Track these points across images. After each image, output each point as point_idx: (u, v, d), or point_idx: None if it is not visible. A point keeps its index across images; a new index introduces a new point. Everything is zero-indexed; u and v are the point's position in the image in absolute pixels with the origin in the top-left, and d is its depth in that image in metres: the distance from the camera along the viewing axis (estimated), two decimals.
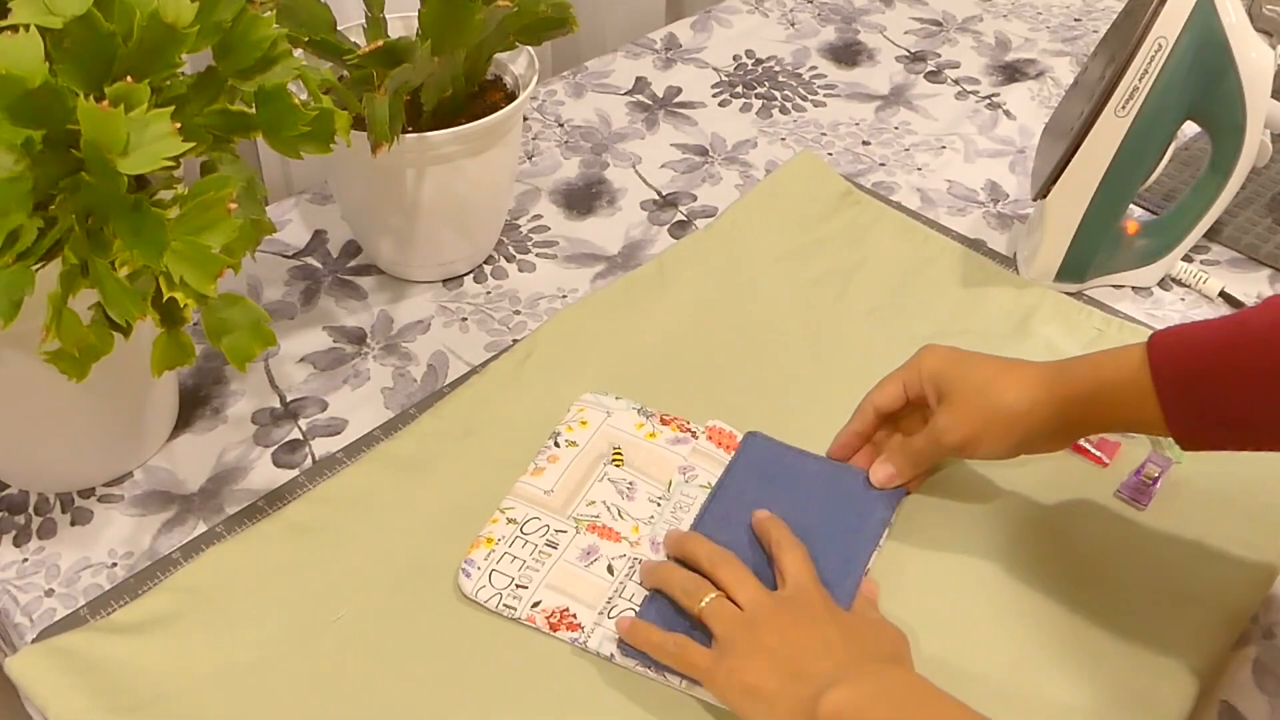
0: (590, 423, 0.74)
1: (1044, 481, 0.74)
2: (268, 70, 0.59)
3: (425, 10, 0.73)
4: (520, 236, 0.94)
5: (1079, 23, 1.27)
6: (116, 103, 0.51)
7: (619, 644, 0.62)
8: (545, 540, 0.67)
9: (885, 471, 0.70)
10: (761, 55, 1.19)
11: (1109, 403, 0.63)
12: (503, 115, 0.79)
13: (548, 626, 0.64)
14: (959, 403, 0.67)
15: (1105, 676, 0.64)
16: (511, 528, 0.68)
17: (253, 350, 0.60)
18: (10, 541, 0.70)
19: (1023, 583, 0.68)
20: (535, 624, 0.64)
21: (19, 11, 0.51)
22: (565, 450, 0.72)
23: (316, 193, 0.98)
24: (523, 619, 0.64)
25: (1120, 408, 0.62)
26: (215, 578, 0.67)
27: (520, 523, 0.68)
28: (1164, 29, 0.77)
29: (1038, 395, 0.65)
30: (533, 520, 0.68)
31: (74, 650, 0.62)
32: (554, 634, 0.64)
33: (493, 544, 0.67)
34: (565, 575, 0.66)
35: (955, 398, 0.67)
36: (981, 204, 0.99)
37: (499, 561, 0.66)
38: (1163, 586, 0.68)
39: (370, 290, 0.88)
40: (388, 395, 0.80)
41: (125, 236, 0.52)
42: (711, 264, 0.90)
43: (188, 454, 0.75)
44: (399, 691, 0.62)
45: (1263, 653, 0.66)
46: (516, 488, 0.70)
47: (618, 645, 0.62)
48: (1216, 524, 0.72)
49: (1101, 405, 0.63)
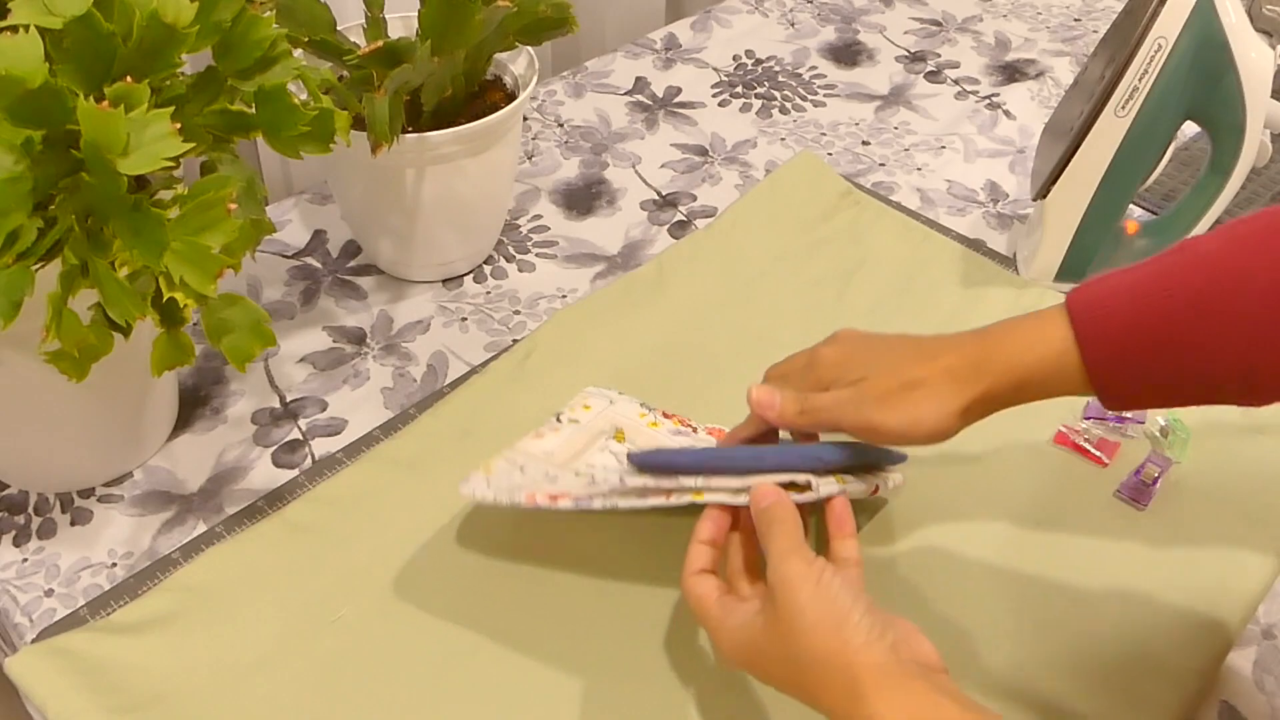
0: (593, 408, 0.73)
1: (1044, 481, 0.74)
2: (268, 70, 0.59)
3: (425, 10, 0.73)
4: (520, 236, 0.94)
5: (1079, 23, 1.27)
6: (116, 103, 0.51)
7: (629, 457, 0.60)
8: (544, 475, 0.65)
9: (769, 398, 0.63)
10: (761, 55, 1.19)
11: (1030, 388, 0.60)
12: (503, 115, 0.79)
13: (549, 500, 0.62)
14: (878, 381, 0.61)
15: (1105, 676, 0.64)
16: (510, 466, 0.66)
17: (253, 350, 0.60)
18: (10, 541, 0.70)
19: (1022, 583, 0.68)
20: (536, 501, 0.62)
21: (19, 11, 0.51)
22: (567, 426, 0.71)
23: (316, 193, 0.98)
24: (522, 501, 0.62)
25: (1044, 389, 0.60)
26: (215, 578, 0.67)
27: (519, 464, 0.66)
28: (1164, 29, 0.77)
29: (958, 380, 0.60)
30: (533, 466, 0.66)
31: (74, 650, 0.62)
32: (555, 504, 0.62)
33: (490, 471, 0.66)
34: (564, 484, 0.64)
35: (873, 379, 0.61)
36: (981, 204, 0.99)
37: (498, 478, 0.65)
38: (1163, 586, 0.68)
39: (370, 290, 0.88)
40: (387, 395, 0.80)
41: (125, 236, 0.52)
42: (711, 264, 0.90)
43: (187, 454, 0.75)
44: (399, 691, 0.62)
45: (1263, 653, 0.66)
46: (517, 444, 0.69)
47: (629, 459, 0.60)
48: (1216, 524, 0.72)
49: (1026, 390, 0.60)
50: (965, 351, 0.61)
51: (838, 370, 0.63)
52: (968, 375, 0.60)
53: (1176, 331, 0.56)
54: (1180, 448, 0.76)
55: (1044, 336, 0.59)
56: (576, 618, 0.66)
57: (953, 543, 0.70)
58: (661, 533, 0.70)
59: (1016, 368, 0.60)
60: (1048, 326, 0.59)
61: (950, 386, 0.60)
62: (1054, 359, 0.58)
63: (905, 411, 0.60)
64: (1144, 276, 0.58)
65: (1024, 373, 0.59)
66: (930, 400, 0.60)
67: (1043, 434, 0.77)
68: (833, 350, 0.65)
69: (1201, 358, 0.55)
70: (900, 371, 0.61)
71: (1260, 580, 0.69)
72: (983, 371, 0.60)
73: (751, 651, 0.54)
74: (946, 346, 0.62)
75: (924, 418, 0.60)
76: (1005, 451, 0.76)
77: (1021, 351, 0.59)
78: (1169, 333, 0.56)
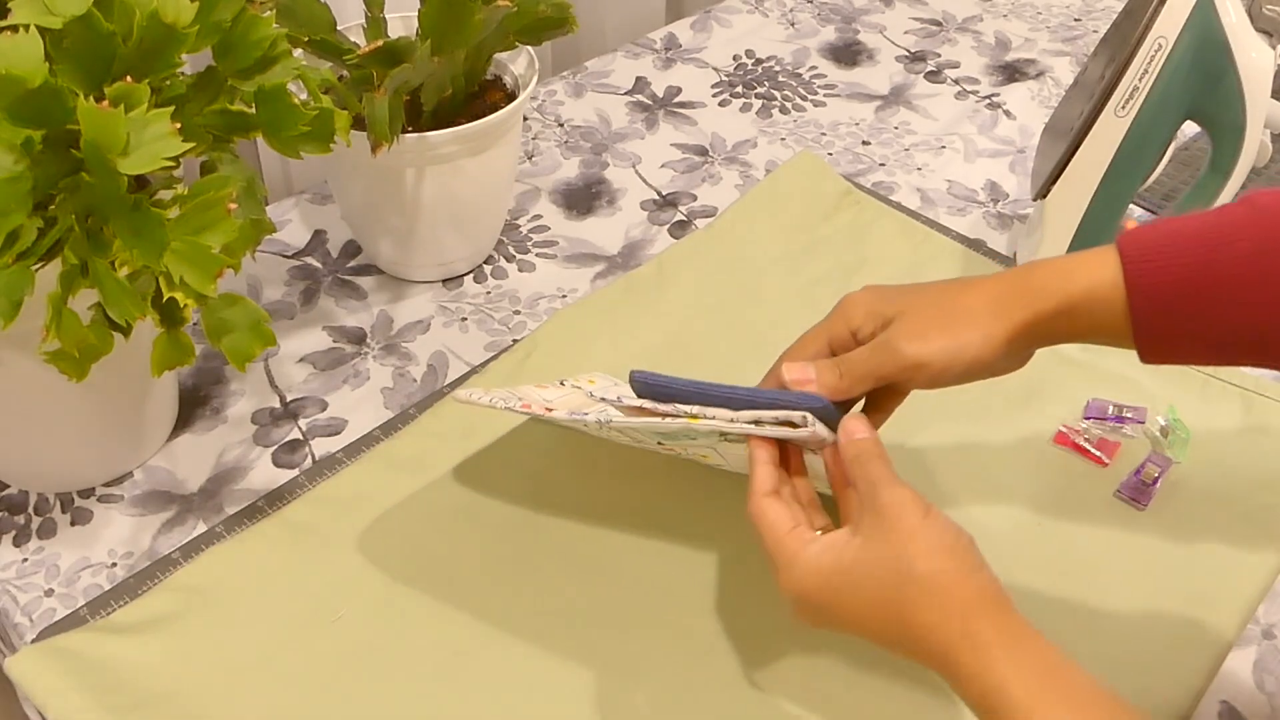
0: (598, 382, 0.71)
1: (1044, 481, 0.74)
2: (268, 70, 0.59)
3: (425, 10, 0.73)
4: (520, 236, 0.94)
5: (1079, 23, 1.27)
6: (116, 103, 0.51)
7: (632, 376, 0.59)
8: (541, 400, 0.65)
9: (803, 372, 0.60)
10: (761, 55, 1.19)
11: (1077, 318, 0.57)
12: (503, 115, 0.79)
13: (544, 410, 0.61)
14: (914, 316, 0.58)
15: (1105, 676, 0.64)
16: (510, 395, 0.65)
17: (253, 350, 0.60)
18: (10, 541, 0.70)
19: (1022, 583, 0.68)
20: (530, 409, 0.61)
21: (19, 11, 0.51)
22: (570, 389, 0.69)
23: (316, 193, 0.98)
24: (516, 407, 0.61)
25: (1088, 323, 0.57)
26: (215, 578, 0.67)
27: (519, 395, 0.65)
28: (1164, 29, 0.77)
29: (1001, 305, 0.58)
30: (531, 396, 0.66)
31: (74, 650, 0.62)
32: (549, 415, 0.61)
33: (490, 390, 0.65)
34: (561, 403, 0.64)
35: (910, 314, 0.59)
36: (981, 204, 0.99)
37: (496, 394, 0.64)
38: (1163, 586, 0.68)
39: (370, 290, 0.88)
40: (387, 395, 0.80)
41: (125, 236, 0.52)
42: (711, 264, 0.90)
43: (188, 454, 0.75)
44: (399, 691, 0.62)
45: (1263, 653, 0.66)
46: (517, 388, 0.67)
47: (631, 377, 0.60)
48: (1216, 524, 0.72)
49: (1068, 320, 0.57)
50: (1007, 279, 0.59)
51: (867, 315, 0.60)
52: (1012, 300, 0.57)
53: (1235, 284, 0.53)
54: (1180, 448, 0.76)
55: (1091, 272, 0.56)
56: (577, 617, 0.66)
57: None
58: (665, 533, 0.70)
59: (1061, 295, 0.57)
60: (1096, 264, 0.56)
61: (993, 310, 0.57)
62: (1102, 295, 0.56)
63: (948, 340, 0.57)
64: (1204, 226, 0.55)
65: (1069, 300, 0.57)
66: (973, 327, 0.57)
67: (1043, 434, 0.77)
68: (861, 295, 0.61)
69: (1258, 314, 0.53)
70: (939, 303, 0.58)
71: (1260, 580, 0.69)
72: (1028, 297, 0.57)
73: (839, 581, 0.51)
74: (985, 278, 0.60)
75: (968, 345, 0.57)
76: (1005, 451, 0.76)
77: (1066, 281, 0.57)
78: (1227, 285, 0.54)
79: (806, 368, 0.60)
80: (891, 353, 0.58)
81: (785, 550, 0.53)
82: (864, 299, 0.61)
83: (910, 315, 0.58)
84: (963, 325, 0.57)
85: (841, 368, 0.59)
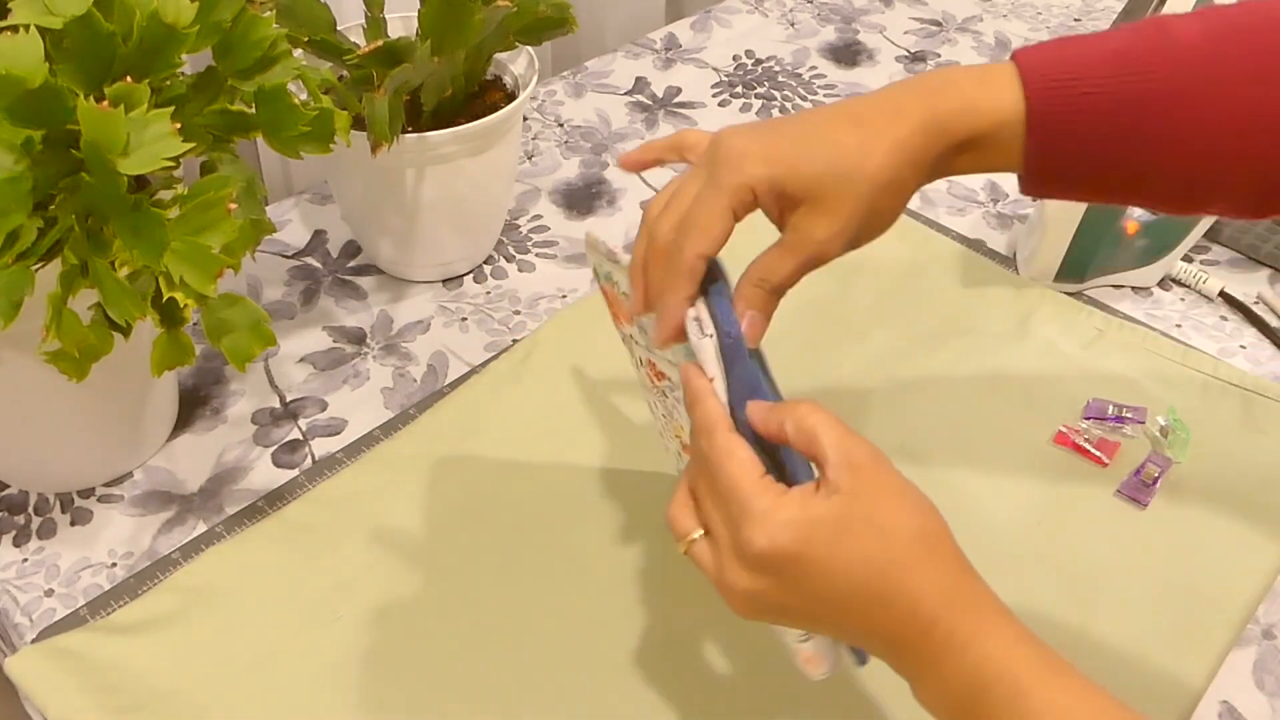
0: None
1: (1044, 481, 0.74)
2: (268, 70, 0.59)
3: (425, 10, 0.73)
4: (520, 236, 0.94)
5: (1079, 23, 1.27)
6: (116, 103, 0.51)
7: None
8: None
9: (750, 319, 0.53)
10: (761, 55, 1.19)
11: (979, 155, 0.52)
12: (503, 115, 0.79)
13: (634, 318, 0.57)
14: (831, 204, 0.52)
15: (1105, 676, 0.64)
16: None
17: (253, 350, 0.60)
18: (10, 541, 0.70)
19: (1022, 583, 0.68)
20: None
21: (19, 11, 0.51)
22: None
23: (316, 193, 0.98)
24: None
25: (986, 160, 0.53)
26: (215, 578, 0.67)
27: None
28: None
29: (895, 132, 0.51)
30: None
31: (74, 650, 0.62)
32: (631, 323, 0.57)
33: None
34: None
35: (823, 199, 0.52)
36: (981, 204, 0.99)
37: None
38: (1163, 586, 0.68)
39: (370, 290, 0.88)
40: (387, 395, 0.80)
41: (125, 236, 0.52)
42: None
43: (188, 454, 0.75)
44: (399, 691, 0.62)
45: (1263, 653, 0.66)
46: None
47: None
48: (1216, 524, 0.72)
49: (971, 129, 0.52)
50: (896, 86, 0.53)
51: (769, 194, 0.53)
52: (903, 103, 0.52)
53: (1143, 119, 0.50)
54: (1180, 448, 0.76)
55: (990, 85, 0.51)
56: (578, 617, 0.66)
57: None
58: (667, 532, 0.70)
59: (967, 128, 0.51)
60: (995, 78, 0.52)
61: (884, 114, 0.52)
62: (1005, 132, 0.51)
63: (829, 145, 0.51)
64: (1113, 51, 0.51)
65: (967, 104, 0.51)
66: (859, 129, 0.51)
67: (1043, 434, 0.77)
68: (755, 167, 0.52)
69: (1157, 152, 0.51)
70: (819, 113, 0.53)
71: (1260, 580, 0.69)
72: (922, 97, 0.52)
73: (823, 535, 0.45)
74: (873, 109, 0.53)
75: (849, 147, 0.51)
76: (1005, 451, 0.76)
77: (966, 89, 0.52)
78: (1133, 119, 0.50)
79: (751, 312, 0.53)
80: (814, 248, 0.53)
81: (764, 494, 0.46)
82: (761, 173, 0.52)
83: (786, 125, 0.53)
84: (845, 132, 0.52)
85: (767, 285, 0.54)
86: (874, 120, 0.52)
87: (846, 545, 0.45)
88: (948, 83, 0.52)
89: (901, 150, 0.51)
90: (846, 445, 0.47)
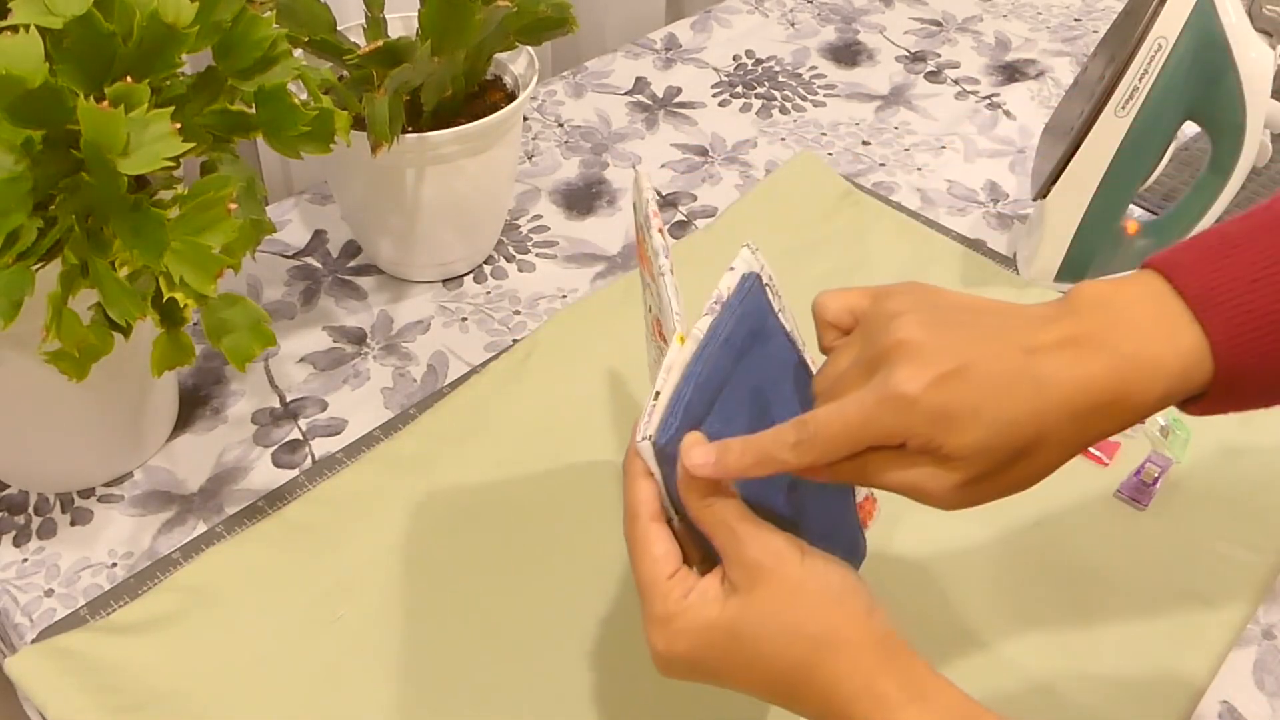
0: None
1: (1044, 481, 0.74)
2: (268, 70, 0.59)
3: (425, 10, 0.73)
4: (520, 236, 0.94)
5: (1079, 23, 1.27)
6: (116, 103, 0.51)
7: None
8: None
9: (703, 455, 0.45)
10: (761, 55, 1.19)
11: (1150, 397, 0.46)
12: (503, 115, 0.79)
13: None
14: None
15: (1105, 676, 0.64)
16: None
17: (253, 350, 0.60)
18: (10, 541, 0.70)
19: (1022, 583, 0.68)
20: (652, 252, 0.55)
21: (19, 11, 0.51)
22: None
23: (316, 193, 0.98)
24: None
25: (1164, 399, 0.46)
26: (215, 578, 0.67)
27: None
28: (1164, 29, 0.77)
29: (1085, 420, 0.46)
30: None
31: (74, 650, 0.62)
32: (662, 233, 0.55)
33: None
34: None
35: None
36: (981, 204, 0.99)
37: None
38: (1163, 586, 0.68)
39: (370, 290, 0.88)
40: (388, 395, 0.80)
41: (125, 236, 0.52)
42: (712, 264, 0.90)
43: (188, 454, 0.75)
44: (399, 691, 0.62)
45: (1263, 653, 0.66)
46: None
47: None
48: (1216, 524, 0.72)
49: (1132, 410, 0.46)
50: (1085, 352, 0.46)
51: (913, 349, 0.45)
52: (1090, 385, 0.45)
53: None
54: (1180, 448, 0.76)
55: (1173, 335, 0.46)
56: (578, 616, 0.66)
57: (951, 542, 0.70)
58: None
59: (1152, 388, 0.45)
60: (1171, 324, 0.46)
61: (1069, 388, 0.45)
62: (1185, 364, 0.45)
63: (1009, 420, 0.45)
64: (1271, 256, 0.45)
65: (1159, 394, 0.45)
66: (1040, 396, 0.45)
67: None
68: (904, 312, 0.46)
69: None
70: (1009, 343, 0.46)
71: (1260, 580, 0.69)
72: (1114, 412, 0.46)
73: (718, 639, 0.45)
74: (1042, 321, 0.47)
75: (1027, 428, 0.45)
76: None
77: (1148, 343, 0.45)
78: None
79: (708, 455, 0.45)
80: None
81: (666, 600, 0.46)
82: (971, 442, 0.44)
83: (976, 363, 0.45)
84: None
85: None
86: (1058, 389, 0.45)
87: (745, 650, 0.45)
88: (1134, 359, 0.45)
89: (1079, 436, 0.46)
90: (742, 541, 0.45)
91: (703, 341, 0.48)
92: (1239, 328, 0.45)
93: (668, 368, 0.47)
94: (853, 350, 0.48)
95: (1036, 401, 0.45)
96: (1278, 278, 0.46)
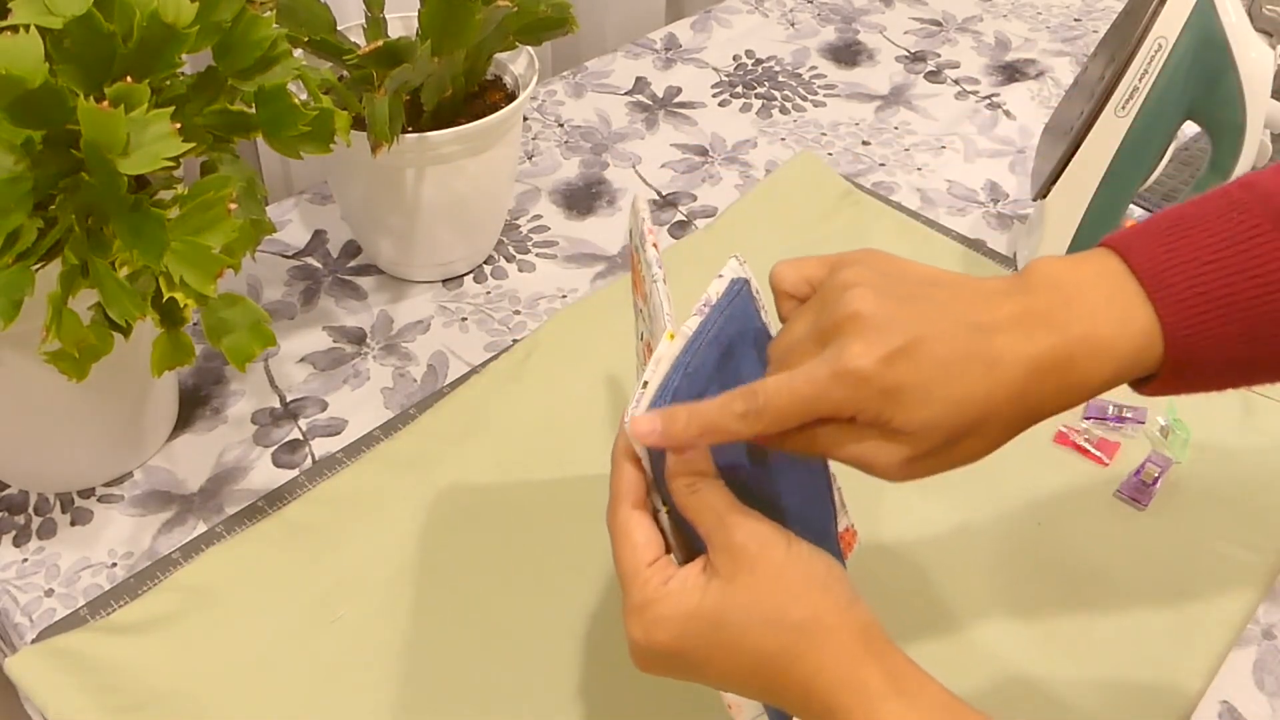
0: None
1: (1044, 481, 0.74)
2: (268, 70, 0.59)
3: (425, 10, 0.73)
4: (520, 236, 0.94)
5: (1079, 23, 1.27)
6: (116, 103, 0.51)
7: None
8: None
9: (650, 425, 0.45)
10: (761, 55, 1.19)
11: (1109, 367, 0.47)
12: (503, 115, 0.79)
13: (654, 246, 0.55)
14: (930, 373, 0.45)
15: (1105, 676, 0.64)
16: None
17: (253, 350, 0.60)
18: (10, 541, 0.70)
19: (1022, 583, 0.68)
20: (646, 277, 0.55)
21: (19, 11, 0.51)
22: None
23: (316, 193, 0.98)
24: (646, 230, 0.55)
25: (1113, 380, 0.48)
26: (215, 578, 0.67)
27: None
28: (1164, 29, 0.77)
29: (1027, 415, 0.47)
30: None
31: (74, 650, 0.62)
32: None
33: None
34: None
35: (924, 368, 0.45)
36: (981, 204, 0.99)
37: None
38: (1162, 586, 0.68)
39: (370, 290, 0.88)
40: (388, 395, 0.80)
41: (125, 236, 0.52)
42: (711, 264, 0.90)
43: (188, 454, 0.75)
44: (399, 691, 0.62)
45: (1263, 653, 0.66)
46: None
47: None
48: (1216, 524, 0.72)
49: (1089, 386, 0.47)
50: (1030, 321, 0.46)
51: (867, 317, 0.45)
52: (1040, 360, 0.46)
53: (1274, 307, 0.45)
54: (1180, 448, 0.76)
55: (1120, 322, 0.46)
56: (578, 616, 0.66)
57: (952, 542, 0.70)
58: None
59: (1097, 383, 0.47)
60: (1123, 304, 0.46)
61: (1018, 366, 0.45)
62: (1135, 346, 0.46)
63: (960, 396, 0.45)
64: (1222, 239, 0.45)
65: (1109, 374, 0.47)
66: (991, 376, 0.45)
67: (1043, 434, 0.77)
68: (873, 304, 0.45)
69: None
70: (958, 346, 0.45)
71: (1260, 580, 0.69)
72: (1058, 377, 0.46)
73: (699, 628, 0.44)
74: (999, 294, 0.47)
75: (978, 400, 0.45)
76: (1005, 451, 0.76)
77: (1103, 365, 0.46)
78: (1268, 310, 0.45)
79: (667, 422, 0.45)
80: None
81: (645, 587, 0.45)
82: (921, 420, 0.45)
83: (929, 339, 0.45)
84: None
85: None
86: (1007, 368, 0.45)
87: (726, 638, 0.44)
88: (1085, 340, 0.46)
89: (1027, 415, 0.47)
90: (728, 526, 0.45)
91: (691, 337, 0.48)
92: (1190, 309, 0.46)
93: (656, 360, 0.47)
94: (808, 318, 0.48)
95: (987, 381, 0.45)
96: (1229, 260, 0.45)
